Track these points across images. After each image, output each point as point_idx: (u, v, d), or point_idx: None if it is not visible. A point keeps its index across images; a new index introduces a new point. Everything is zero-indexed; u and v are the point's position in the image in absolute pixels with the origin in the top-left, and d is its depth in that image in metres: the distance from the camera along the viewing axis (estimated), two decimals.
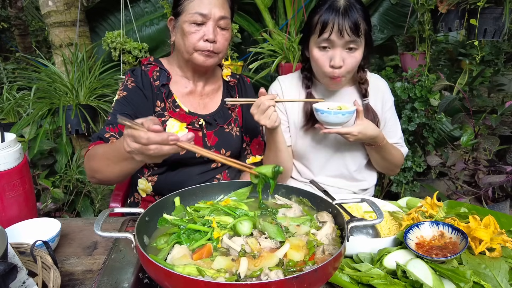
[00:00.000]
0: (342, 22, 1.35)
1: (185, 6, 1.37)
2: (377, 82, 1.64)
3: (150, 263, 0.74)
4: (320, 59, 1.44)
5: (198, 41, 1.36)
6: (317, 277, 0.73)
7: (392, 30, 3.36)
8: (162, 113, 1.44)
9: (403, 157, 1.65)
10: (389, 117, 1.64)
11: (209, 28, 1.35)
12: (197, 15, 1.34)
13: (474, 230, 0.99)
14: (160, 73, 1.48)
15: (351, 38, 1.36)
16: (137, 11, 3.33)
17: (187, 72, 1.51)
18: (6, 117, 2.74)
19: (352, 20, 1.35)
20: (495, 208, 1.80)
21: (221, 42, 1.40)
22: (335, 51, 1.40)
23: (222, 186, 1.14)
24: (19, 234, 1.13)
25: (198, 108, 1.51)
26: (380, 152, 1.55)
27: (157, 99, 1.45)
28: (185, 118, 1.45)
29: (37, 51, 4.24)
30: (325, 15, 1.37)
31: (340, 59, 1.40)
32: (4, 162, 1.16)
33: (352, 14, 1.35)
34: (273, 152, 1.52)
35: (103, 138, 1.33)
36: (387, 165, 1.62)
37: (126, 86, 1.44)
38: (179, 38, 1.42)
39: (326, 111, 1.36)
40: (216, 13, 1.35)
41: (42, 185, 2.42)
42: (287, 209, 1.04)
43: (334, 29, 1.36)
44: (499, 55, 3.89)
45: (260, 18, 3.29)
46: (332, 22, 1.36)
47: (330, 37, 1.37)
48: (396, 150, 1.61)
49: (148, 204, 1.52)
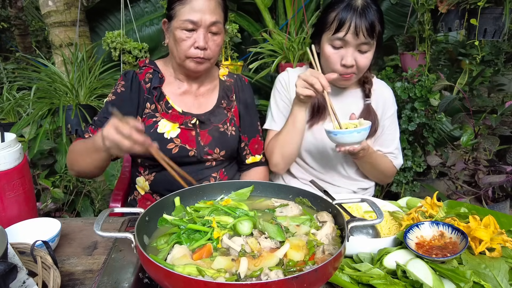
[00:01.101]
0: (359, 22, 1.34)
1: (177, 11, 1.37)
2: (382, 88, 1.64)
3: (150, 263, 0.74)
4: (331, 57, 1.43)
5: (189, 48, 1.37)
6: (317, 277, 0.73)
7: (392, 30, 3.36)
8: (153, 114, 1.46)
9: (394, 168, 1.63)
10: (388, 125, 1.62)
11: (200, 35, 1.36)
12: (187, 22, 1.35)
13: (474, 230, 0.99)
14: (153, 75, 1.50)
15: (366, 39, 1.36)
16: (137, 11, 3.33)
17: (179, 75, 1.53)
18: (6, 117, 2.74)
19: (369, 21, 1.34)
20: (495, 208, 1.80)
21: (212, 48, 1.40)
22: (348, 51, 1.39)
23: (222, 186, 1.14)
24: (19, 234, 1.13)
25: (192, 107, 1.52)
26: (367, 163, 1.55)
27: (147, 102, 1.48)
28: (178, 118, 1.46)
29: (37, 51, 4.24)
30: (342, 13, 1.36)
31: (352, 59, 1.39)
32: (4, 162, 1.16)
33: (369, 15, 1.34)
34: (291, 128, 1.48)
35: (83, 137, 1.44)
36: (377, 174, 1.63)
37: (116, 90, 1.50)
38: (171, 43, 1.43)
39: (341, 132, 1.27)
40: (207, 20, 1.35)
41: (42, 185, 2.42)
42: (285, 207, 1.04)
43: (351, 29, 1.35)
44: (499, 55, 3.89)
45: (260, 18, 3.28)
46: (350, 21, 1.34)
47: (345, 37, 1.36)
48: (384, 160, 1.60)
49: (146, 201, 1.54)
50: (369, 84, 1.57)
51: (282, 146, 1.53)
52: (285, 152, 1.54)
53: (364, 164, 1.57)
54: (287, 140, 1.51)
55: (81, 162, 1.35)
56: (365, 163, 1.56)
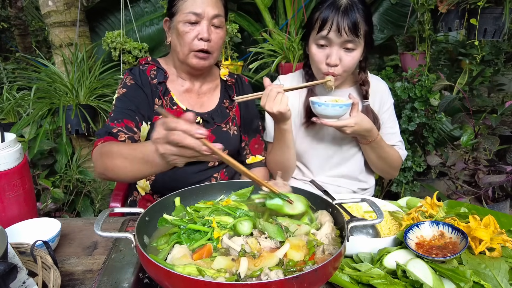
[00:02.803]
0: (341, 20, 1.34)
1: (179, 7, 1.38)
2: (376, 83, 1.63)
3: (150, 263, 0.74)
4: (316, 55, 1.44)
5: (193, 40, 1.37)
6: (317, 277, 0.73)
7: (392, 30, 3.36)
8: None
9: (400, 159, 1.62)
10: (387, 118, 1.62)
11: (203, 27, 1.36)
12: (191, 14, 1.35)
13: (474, 230, 0.99)
14: (157, 72, 1.49)
15: (349, 37, 1.36)
16: (137, 11, 3.33)
17: (182, 73, 1.52)
18: (6, 117, 2.74)
19: (352, 19, 1.34)
20: (495, 208, 1.80)
21: (215, 41, 1.40)
22: (332, 49, 1.40)
23: (222, 186, 1.14)
24: (19, 234, 1.13)
25: (195, 106, 1.52)
26: (375, 150, 1.54)
27: (155, 97, 1.45)
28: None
29: (37, 51, 4.23)
30: (325, 12, 1.37)
31: (336, 58, 1.40)
32: (4, 162, 1.16)
33: (352, 13, 1.34)
34: (281, 150, 1.51)
35: (112, 133, 1.30)
36: (384, 166, 1.61)
37: (125, 83, 1.44)
38: (174, 39, 1.43)
39: (323, 104, 1.36)
40: (209, 12, 1.36)
41: (42, 185, 2.42)
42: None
43: (333, 27, 1.36)
44: (499, 55, 3.89)
45: (260, 18, 3.29)
46: (332, 20, 1.35)
47: (328, 35, 1.37)
48: (392, 149, 1.59)
49: (146, 202, 1.53)
50: (366, 86, 1.56)
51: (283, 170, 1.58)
52: (285, 169, 1.60)
53: (373, 152, 1.56)
54: (283, 159, 1.54)
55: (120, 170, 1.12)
56: (374, 151, 1.55)
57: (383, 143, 1.54)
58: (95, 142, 1.29)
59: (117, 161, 1.12)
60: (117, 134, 1.31)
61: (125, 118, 1.34)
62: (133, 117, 1.36)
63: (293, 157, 1.56)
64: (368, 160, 1.63)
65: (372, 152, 1.56)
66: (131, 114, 1.36)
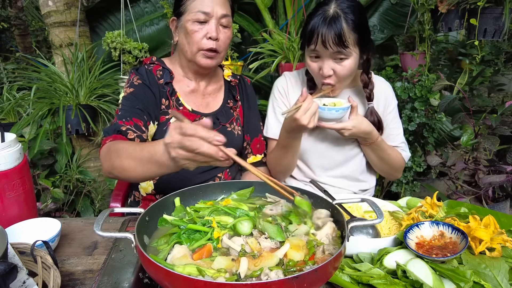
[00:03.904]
0: (326, 33, 1.31)
1: (188, 6, 1.38)
2: (380, 84, 1.62)
3: (150, 263, 0.74)
4: (311, 67, 1.44)
5: (202, 39, 1.37)
6: (317, 277, 0.73)
7: (392, 30, 3.35)
8: (167, 111, 1.45)
9: (403, 160, 1.62)
10: (390, 120, 1.61)
11: (212, 26, 1.36)
12: (200, 13, 1.35)
13: (474, 230, 0.99)
14: (163, 72, 1.48)
15: (336, 49, 1.33)
16: (137, 11, 3.33)
17: (188, 73, 1.51)
18: (6, 117, 2.74)
19: (337, 31, 1.30)
20: (495, 208, 1.80)
21: (223, 40, 1.41)
22: (323, 61, 1.39)
23: (222, 186, 1.14)
24: (19, 234, 1.13)
25: (200, 107, 1.52)
26: (376, 151, 1.54)
27: (162, 97, 1.45)
28: (188, 117, 1.45)
29: (37, 51, 4.23)
30: (311, 24, 1.35)
31: (328, 69, 1.39)
32: (4, 162, 1.16)
33: (338, 24, 1.30)
34: (288, 154, 1.51)
35: (121, 131, 1.27)
36: (386, 168, 1.61)
37: (132, 83, 1.43)
38: (182, 38, 1.42)
39: (320, 107, 1.36)
40: (218, 12, 1.37)
41: (42, 185, 2.42)
42: (275, 205, 1.04)
43: (318, 41, 1.34)
44: (499, 55, 3.89)
45: (260, 18, 3.28)
46: (317, 33, 1.33)
47: (316, 48, 1.36)
48: (394, 150, 1.59)
49: (149, 203, 1.53)
50: (369, 88, 1.55)
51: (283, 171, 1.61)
52: (286, 170, 1.62)
53: (374, 154, 1.56)
54: (286, 162, 1.56)
55: (129, 170, 1.09)
56: (375, 153, 1.55)
57: (384, 145, 1.53)
58: (103, 140, 1.26)
59: (125, 161, 1.09)
60: (126, 132, 1.28)
61: (133, 117, 1.32)
62: (141, 116, 1.35)
63: (297, 159, 1.57)
64: (369, 161, 1.63)
65: (373, 154, 1.56)
66: (140, 113, 1.35)
